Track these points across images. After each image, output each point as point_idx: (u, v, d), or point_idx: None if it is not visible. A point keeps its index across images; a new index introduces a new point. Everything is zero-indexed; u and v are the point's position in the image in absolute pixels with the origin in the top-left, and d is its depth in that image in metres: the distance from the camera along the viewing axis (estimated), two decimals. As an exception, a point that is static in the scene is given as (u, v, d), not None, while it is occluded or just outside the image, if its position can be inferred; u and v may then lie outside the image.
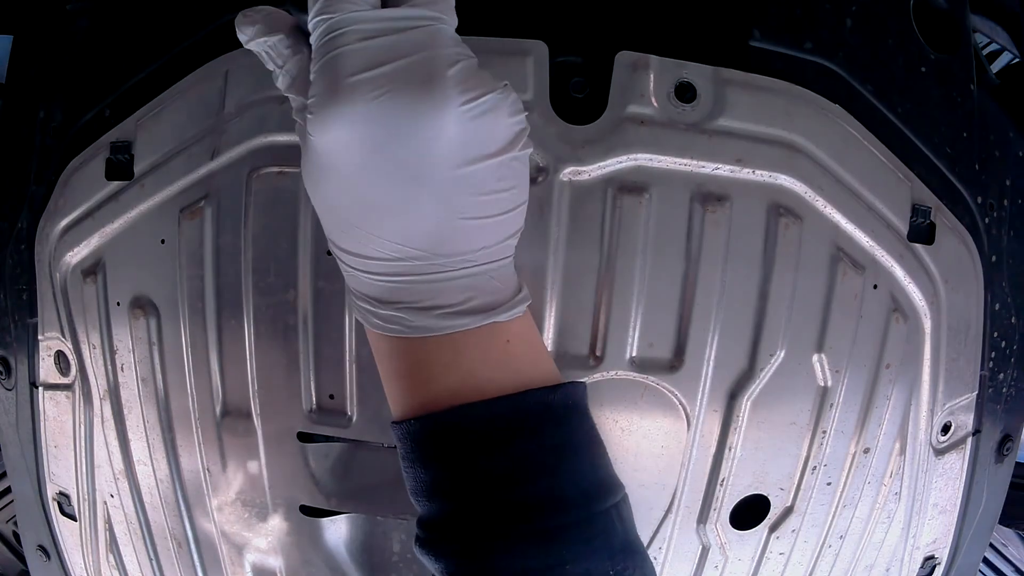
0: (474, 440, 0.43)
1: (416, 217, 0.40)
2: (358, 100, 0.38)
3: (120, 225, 0.64)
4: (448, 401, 0.43)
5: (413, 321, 0.42)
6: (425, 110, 0.38)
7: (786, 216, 0.59)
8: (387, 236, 0.41)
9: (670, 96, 0.57)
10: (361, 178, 0.39)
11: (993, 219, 0.70)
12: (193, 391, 0.63)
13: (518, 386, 0.44)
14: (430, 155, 0.39)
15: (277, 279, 0.59)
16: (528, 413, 0.43)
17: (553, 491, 0.43)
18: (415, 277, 0.42)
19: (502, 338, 0.44)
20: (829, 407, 0.63)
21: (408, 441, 0.45)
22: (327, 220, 0.43)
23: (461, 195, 0.40)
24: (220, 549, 0.67)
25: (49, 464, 0.75)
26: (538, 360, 0.47)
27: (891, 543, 0.72)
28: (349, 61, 0.38)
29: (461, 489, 0.44)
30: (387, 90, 0.37)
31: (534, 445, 0.43)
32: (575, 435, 0.45)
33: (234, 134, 0.59)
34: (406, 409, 0.46)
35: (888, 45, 0.64)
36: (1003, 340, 0.74)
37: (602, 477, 0.46)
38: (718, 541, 0.65)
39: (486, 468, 0.43)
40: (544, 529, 0.42)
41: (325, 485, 0.63)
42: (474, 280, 0.43)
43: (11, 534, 1.52)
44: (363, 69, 0.38)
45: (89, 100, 0.67)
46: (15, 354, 0.76)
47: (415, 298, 0.42)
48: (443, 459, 0.44)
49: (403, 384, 0.45)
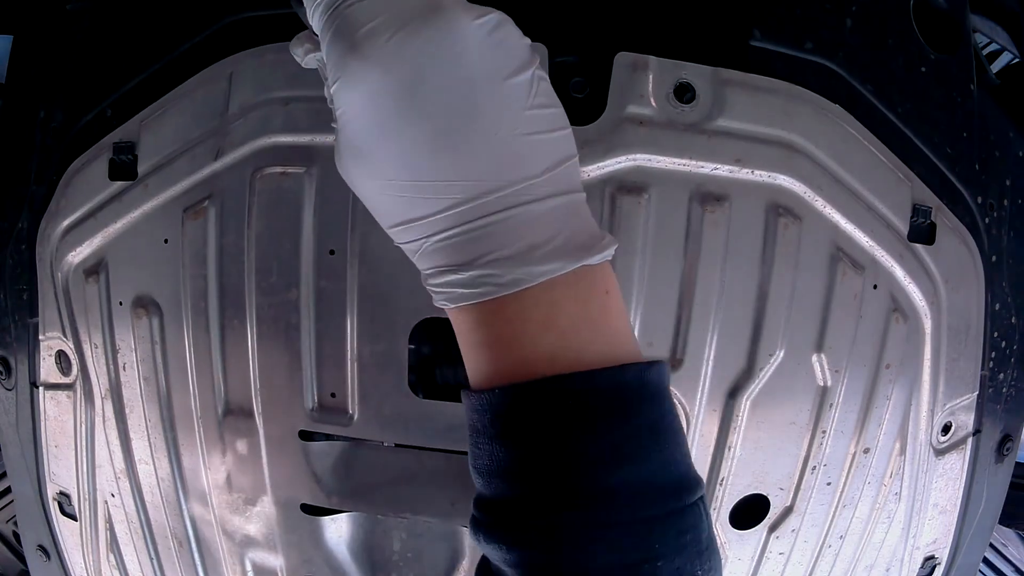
0: (568, 417, 0.39)
1: (472, 145, 0.38)
2: (376, 46, 0.37)
3: (123, 225, 0.64)
4: (543, 368, 0.39)
5: (504, 275, 0.39)
6: (443, 35, 0.37)
7: (785, 216, 0.59)
8: (451, 177, 0.38)
9: (669, 96, 0.58)
10: (406, 124, 0.38)
11: (993, 219, 0.71)
12: (195, 390, 0.64)
13: (616, 354, 0.40)
14: (464, 77, 0.38)
15: (280, 279, 0.60)
16: (627, 389, 0.39)
17: (647, 479, 0.39)
18: (491, 218, 0.39)
19: (601, 289, 0.41)
20: (829, 407, 0.63)
21: (487, 413, 0.41)
22: (382, 201, 0.41)
23: (508, 110, 0.39)
24: (221, 548, 0.67)
25: (49, 464, 0.76)
26: (628, 326, 0.43)
27: (891, 543, 0.73)
28: (355, 18, 0.38)
29: (547, 471, 0.39)
30: (398, 27, 0.37)
31: (630, 427, 0.39)
32: (668, 419, 0.41)
33: (238, 135, 0.60)
34: (489, 376, 0.41)
35: (888, 45, 0.64)
36: (1003, 340, 0.74)
37: (690, 467, 0.42)
38: (718, 541, 0.65)
39: (579, 449, 0.38)
40: (637, 520, 0.38)
41: (326, 484, 0.63)
42: (553, 214, 0.40)
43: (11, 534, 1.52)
44: (370, 20, 0.38)
45: (90, 100, 0.68)
46: (15, 354, 0.76)
47: (498, 245, 0.39)
48: (529, 436, 0.39)
49: (490, 352, 0.41)
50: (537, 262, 0.39)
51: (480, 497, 0.43)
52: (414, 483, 0.63)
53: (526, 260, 0.39)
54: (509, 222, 0.39)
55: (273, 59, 0.59)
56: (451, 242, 0.40)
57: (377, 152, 0.39)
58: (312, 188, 0.59)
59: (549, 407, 0.39)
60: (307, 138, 0.59)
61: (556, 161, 0.40)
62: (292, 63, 0.47)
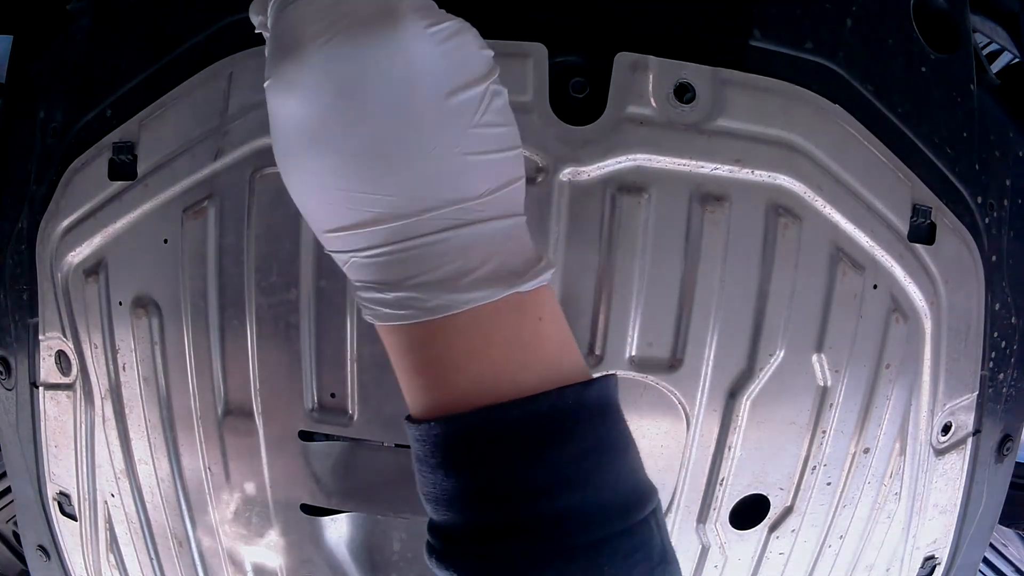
0: (508, 446, 0.38)
1: (404, 161, 0.36)
2: (311, 51, 0.35)
3: (122, 225, 0.64)
4: (477, 397, 0.39)
5: (429, 300, 0.38)
6: (385, 42, 0.35)
7: (785, 216, 0.60)
8: (379, 191, 0.37)
9: (669, 97, 0.58)
10: (336, 132, 0.36)
11: (993, 219, 0.71)
12: (195, 390, 0.64)
13: (552, 378, 0.39)
14: (402, 88, 0.36)
15: (279, 278, 0.60)
16: (565, 412, 0.39)
17: (591, 502, 0.39)
18: (421, 240, 0.37)
19: (533, 315, 0.40)
20: (829, 407, 0.63)
21: (427, 443, 0.40)
22: (310, 206, 0.40)
23: (450, 127, 0.37)
24: (221, 548, 0.68)
25: (49, 464, 0.76)
26: (569, 347, 0.42)
27: (891, 543, 0.73)
28: (296, 18, 0.36)
29: (490, 500, 0.39)
30: (339, 31, 0.35)
31: (572, 451, 0.39)
32: (612, 437, 0.41)
33: (237, 135, 0.60)
34: (427, 406, 0.41)
35: (888, 45, 0.64)
36: (1003, 340, 0.74)
37: (638, 482, 0.42)
38: (718, 541, 0.65)
39: (521, 479, 0.38)
40: (583, 544, 0.38)
41: (326, 484, 0.63)
42: (488, 238, 0.38)
43: (11, 534, 1.52)
44: (311, 21, 0.36)
45: (90, 100, 0.68)
46: (15, 354, 0.76)
47: (425, 268, 0.38)
48: (472, 467, 0.39)
49: (423, 379, 0.40)
50: (464, 289, 0.38)
51: (431, 523, 0.43)
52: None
53: (453, 287, 0.38)
54: (439, 245, 0.38)
55: None
56: (378, 260, 0.38)
57: (306, 157, 0.38)
58: None
59: (486, 437, 0.38)
60: None
61: (498, 184, 0.39)
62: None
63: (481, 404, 0.39)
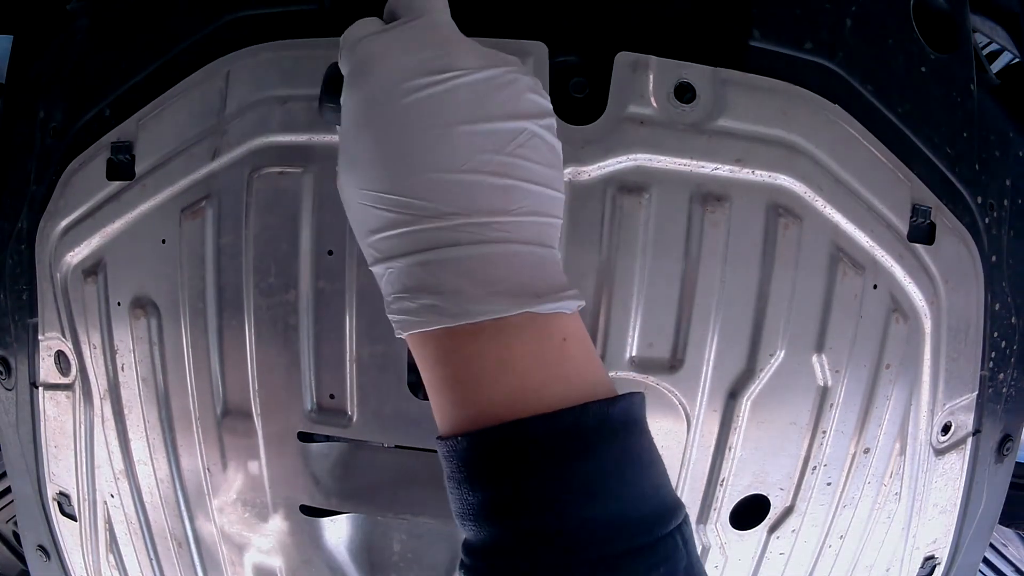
0: (531, 461, 0.39)
1: (439, 170, 0.40)
2: (377, 57, 0.41)
3: (121, 225, 0.64)
4: (502, 412, 0.40)
5: (449, 307, 0.39)
6: (443, 62, 0.41)
7: (785, 216, 0.59)
8: (415, 194, 0.40)
9: (669, 96, 0.58)
10: (379, 132, 0.40)
11: (993, 219, 0.71)
12: (194, 391, 0.63)
13: (576, 395, 0.41)
14: (449, 105, 0.40)
15: (278, 279, 0.60)
16: (588, 429, 0.40)
17: (614, 516, 0.39)
18: (449, 249, 0.40)
19: (558, 336, 0.41)
20: (829, 407, 0.63)
21: (455, 460, 0.41)
22: (355, 208, 0.43)
23: (483, 149, 0.40)
24: (220, 549, 0.67)
25: (49, 464, 0.76)
26: (595, 366, 0.43)
27: (891, 543, 0.73)
28: (357, 30, 0.43)
29: (514, 514, 0.40)
30: (401, 43, 0.41)
31: (594, 465, 0.39)
32: (636, 452, 0.41)
33: (235, 134, 0.60)
34: (454, 423, 0.42)
35: (888, 45, 0.64)
36: (1003, 340, 0.74)
37: (664, 497, 0.42)
38: (718, 541, 0.65)
39: (543, 492, 0.39)
40: (606, 557, 0.39)
41: (325, 485, 0.63)
42: (512, 258, 0.40)
43: (11, 534, 1.52)
44: (383, 51, 0.41)
45: (89, 100, 0.68)
46: (15, 354, 0.76)
47: (450, 276, 0.40)
48: (495, 480, 0.40)
49: (451, 394, 0.42)
50: (483, 300, 0.40)
51: (463, 541, 0.44)
52: (414, 484, 0.62)
53: (474, 297, 0.40)
54: (465, 258, 0.40)
55: (270, 57, 0.59)
56: (409, 267, 0.41)
57: (357, 156, 0.41)
58: (310, 188, 0.58)
59: (511, 451, 0.39)
60: (305, 137, 0.58)
61: (527, 211, 0.41)
62: (289, 61, 0.47)
63: (506, 419, 0.39)
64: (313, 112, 0.58)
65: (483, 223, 0.40)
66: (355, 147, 0.41)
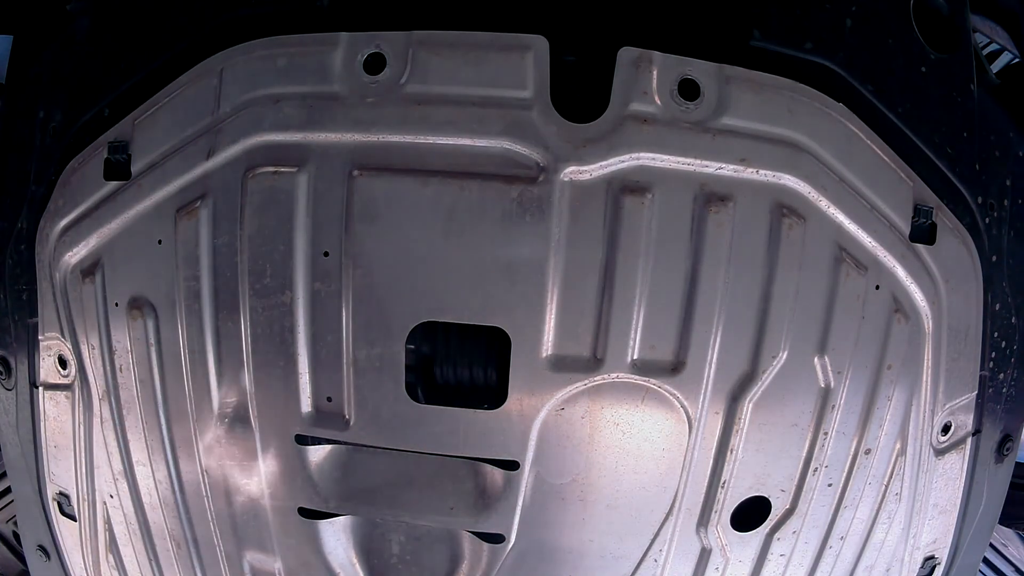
0: None
1: None
2: None
3: (118, 225, 0.63)
4: None
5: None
6: None
7: (789, 216, 0.58)
8: None
9: (673, 94, 0.56)
10: None
11: (993, 219, 0.70)
12: (191, 393, 0.62)
13: None
14: None
15: (273, 281, 0.58)
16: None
17: None
18: None
19: None
20: (831, 408, 0.62)
21: None
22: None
23: None
24: (219, 550, 0.67)
25: (49, 464, 0.75)
26: None
27: (891, 543, 0.72)
28: None
29: None
30: None
31: None
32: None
33: (229, 133, 0.58)
34: None
35: (888, 45, 0.63)
36: (1003, 340, 0.73)
37: None
38: (719, 543, 0.64)
39: None
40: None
41: (323, 488, 0.62)
42: None
43: (11, 534, 1.51)
44: None
45: (89, 100, 0.66)
46: (15, 354, 0.75)
47: None
48: None
49: None
50: None
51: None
52: (412, 487, 0.61)
53: None
54: None
55: (263, 54, 0.57)
56: None
57: None
58: (305, 188, 0.56)
59: None
60: (299, 136, 0.57)
61: None
62: (283, 58, 0.46)
63: None
64: (307, 110, 0.57)
65: None
66: None
